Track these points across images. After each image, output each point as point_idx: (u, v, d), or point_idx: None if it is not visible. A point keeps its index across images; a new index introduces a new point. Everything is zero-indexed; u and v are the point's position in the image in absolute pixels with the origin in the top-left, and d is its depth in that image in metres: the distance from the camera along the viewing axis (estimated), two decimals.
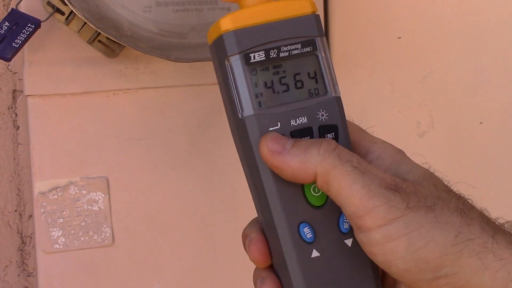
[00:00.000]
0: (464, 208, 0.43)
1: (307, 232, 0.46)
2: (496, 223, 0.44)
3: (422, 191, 0.43)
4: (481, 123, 0.89)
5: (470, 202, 0.45)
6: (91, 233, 0.76)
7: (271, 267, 0.48)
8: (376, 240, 0.41)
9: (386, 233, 0.41)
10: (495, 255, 0.41)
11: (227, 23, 0.45)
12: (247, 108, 0.45)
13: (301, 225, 0.46)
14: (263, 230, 0.48)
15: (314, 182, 0.44)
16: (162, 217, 0.79)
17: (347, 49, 0.84)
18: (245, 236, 0.49)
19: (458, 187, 0.46)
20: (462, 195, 0.45)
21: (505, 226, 0.44)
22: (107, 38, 0.70)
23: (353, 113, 0.84)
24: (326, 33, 0.83)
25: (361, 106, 0.85)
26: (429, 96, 0.87)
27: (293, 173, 0.44)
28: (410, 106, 0.87)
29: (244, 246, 0.49)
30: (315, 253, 0.46)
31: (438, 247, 0.41)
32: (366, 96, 0.85)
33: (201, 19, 0.70)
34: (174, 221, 0.79)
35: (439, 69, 0.87)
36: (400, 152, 0.48)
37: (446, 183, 0.46)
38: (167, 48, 0.68)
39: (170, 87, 0.77)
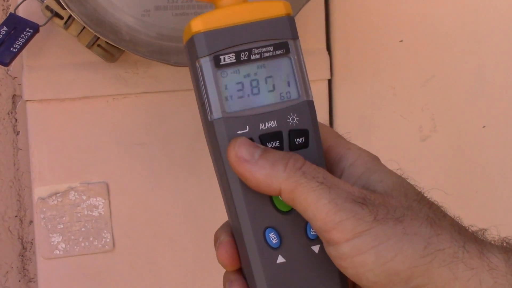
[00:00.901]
0: (434, 218, 0.42)
1: (272, 238, 0.45)
2: (469, 230, 0.43)
3: (391, 202, 0.43)
4: (484, 127, 0.89)
5: (442, 209, 0.44)
6: (91, 239, 0.76)
7: (240, 270, 0.48)
8: (345, 253, 0.41)
9: (354, 246, 0.41)
10: (466, 264, 0.41)
11: (198, 25, 0.45)
12: (216, 111, 0.45)
13: (267, 230, 0.45)
14: (233, 233, 0.47)
15: (277, 195, 0.44)
16: (162, 222, 0.79)
17: (348, 53, 0.84)
18: (216, 238, 0.49)
19: (432, 194, 0.46)
20: (435, 203, 0.45)
21: (478, 234, 0.44)
22: (106, 42, 0.70)
23: (354, 117, 0.85)
24: (327, 37, 0.83)
25: (362, 110, 0.85)
26: (431, 100, 0.87)
27: (258, 185, 0.43)
28: (412, 110, 0.87)
29: (215, 248, 0.49)
30: (280, 259, 0.45)
31: (407, 258, 0.40)
32: (368, 99, 0.85)
33: None
34: (175, 227, 0.79)
35: (441, 72, 0.87)
36: (375, 159, 0.47)
37: (419, 190, 0.45)
38: (166, 52, 0.68)
39: (170, 92, 0.77)
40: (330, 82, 0.84)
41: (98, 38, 0.70)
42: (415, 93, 0.87)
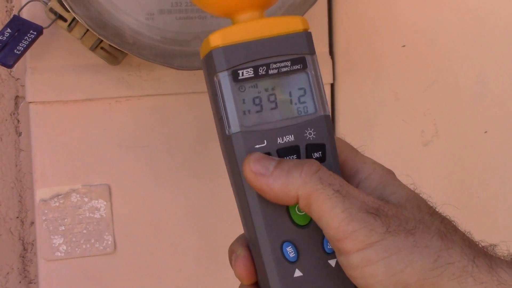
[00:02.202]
0: (446, 231, 0.43)
1: (290, 251, 0.45)
2: (479, 245, 0.44)
3: (404, 214, 0.43)
4: (485, 132, 0.89)
5: (453, 224, 0.45)
6: (92, 241, 0.76)
7: (256, 284, 0.48)
8: (355, 263, 0.42)
9: (365, 256, 0.41)
10: (475, 278, 0.41)
11: (217, 39, 0.45)
12: (234, 125, 0.45)
13: (285, 244, 0.45)
14: (249, 246, 0.48)
15: (297, 203, 0.44)
16: (164, 225, 0.79)
17: (351, 57, 0.84)
18: (231, 252, 0.49)
19: (444, 209, 0.46)
20: (447, 217, 0.45)
21: (488, 249, 0.44)
22: (109, 45, 0.70)
23: (356, 121, 0.85)
24: (330, 42, 0.83)
25: (364, 115, 0.85)
26: (433, 105, 0.87)
27: (276, 196, 0.44)
28: (414, 115, 0.87)
29: (230, 261, 0.49)
30: (297, 273, 0.46)
31: (417, 271, 0.41)
32: (370, 104, 0.85)
33: (204, 27, 0.70)
34: (176, 229, 0.79)
35: (443, 78, 0.87)
36: (389, 173, 0.48)
37: (431, 204, 0.46)
38: (169, 55, 0.68)
39: (172, 95, 0.77)
40: (332, 86, 0.84)
41: (102, 40, 0.70)
42: (417, 98, 0.87)
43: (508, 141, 0.90)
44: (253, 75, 0.45)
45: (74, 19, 0.69)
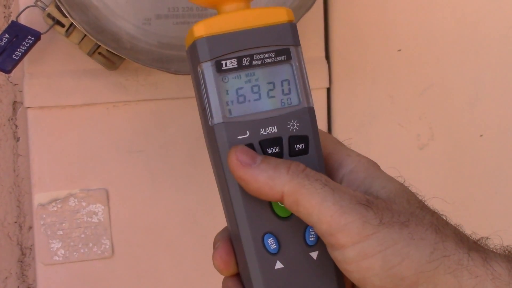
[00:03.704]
0: (438, 224, 0.42)
1: (271, 243, 0.45)
2: (471, 239, 0.43)
3: (394, 208, 0.42)
4: (481, 136, 0.89)
5: (444, 218, 0.44)
6: (90, 245, 0.76)
7: (238, 276, 0.48)
8: (351, 257, 0.41)
9: (361, 250, 0.40)
10: (470, 272, 0.41)
11: (200, 30, 0.45)
12: (217, 116, 0.45)
13: (266, 236, 0.45)
14: (231, 238, 0.47)
15: (279, 201, 0.43)
16: (161, 229, 0.79)
17: (347, 62, 0.84)
18: (214, 243, 0.49)
19: (433, 203, 0.46)
20: (436, 211, 0.45)
21: (480, 242, 0.44)
22: (107, 50, 0.70)
23: (352, 125, 0.85)
24: (326, 45, 0.83)
25: (360, 119, 0.85)
26: (429, 109, 0.87)
27: (259, 188, 0.43)
28: (410, 118, 0.87)
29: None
30: (278, 265, 0.45)
31: (414, 264, 0.40)
32: (366, 108, 0.85)
33: None
34: (174, 233, 0.79)
35: (439, 82, 0.87)
36: (374, 166, 0.47)
37: (420, 198, 0.45)
38: (166, 60, 0.69)
39: (170, 99, 0.77)
40: (329, 90, 0.84)
41: (99, 46, 0.70)
42: (413, 102, 0.87)
43: (503, 145, 0.91)
44: (236, 66, 0.45)
45: (71, 24, 0.69)
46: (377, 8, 0.85)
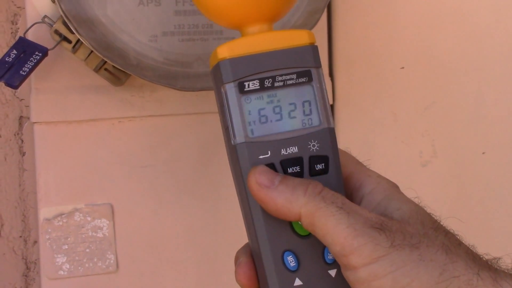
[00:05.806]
0: (450, 245, 0.43)
1: (290, 261, 0.46)
2: (483, 259, 0.44)
3: (408, 229, 0.43)
4: (483, 153, 0.89)
5: (458, 238, 0.45)
6: (95, 260, 0.76)
7: None
8: (363, 278, 0.42)
9: (372, 271, 0.41)
10: None
11: (224, 51, 0.46)
12: (239, 135, 0.46)
13: (286, 253, 0.46)
14: (252, 254, 0.48)
15: (297, 221, 0.44)
16: (166, 244, 0.79)
17: (350, 79, 0.84)
18: (236, 258, 0.50)
19: (448, 222, 0.46)
20: (451, 231, 0.45)
21: (492, 262, 0.44)
22: (113, 66, 0.71)
23: (356, 142, 0.85)
24: (330, 63, 0.84)
25: (364, 135, 0.86)
26: (431, 126, 0.87)
27: (278, 210, 0.44)
28: (413, 135, 0.87)
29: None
30: (297, 282, 0.46)
31: (423, 284, 0.41)
32: (369, 125, 0.86)
33: (207, 49, 0.71)
34: (178, 249, 0.79)
35: (441, 99, 0.88)
36: (393, 187, 0.48)
37: (436, 218, 0.46)
38: (172, 77, 0.69)
39: (175, 115, 0.77)
40: (332, 107, 0.84)
41: (106, 62, 0.70)
42: (416, 119, 0.87)
43: (506, 162, 0.90)
44: (259, 87, 0.46)
45: (78, 40, 0.69)
46: (380, 25, 0.85)
